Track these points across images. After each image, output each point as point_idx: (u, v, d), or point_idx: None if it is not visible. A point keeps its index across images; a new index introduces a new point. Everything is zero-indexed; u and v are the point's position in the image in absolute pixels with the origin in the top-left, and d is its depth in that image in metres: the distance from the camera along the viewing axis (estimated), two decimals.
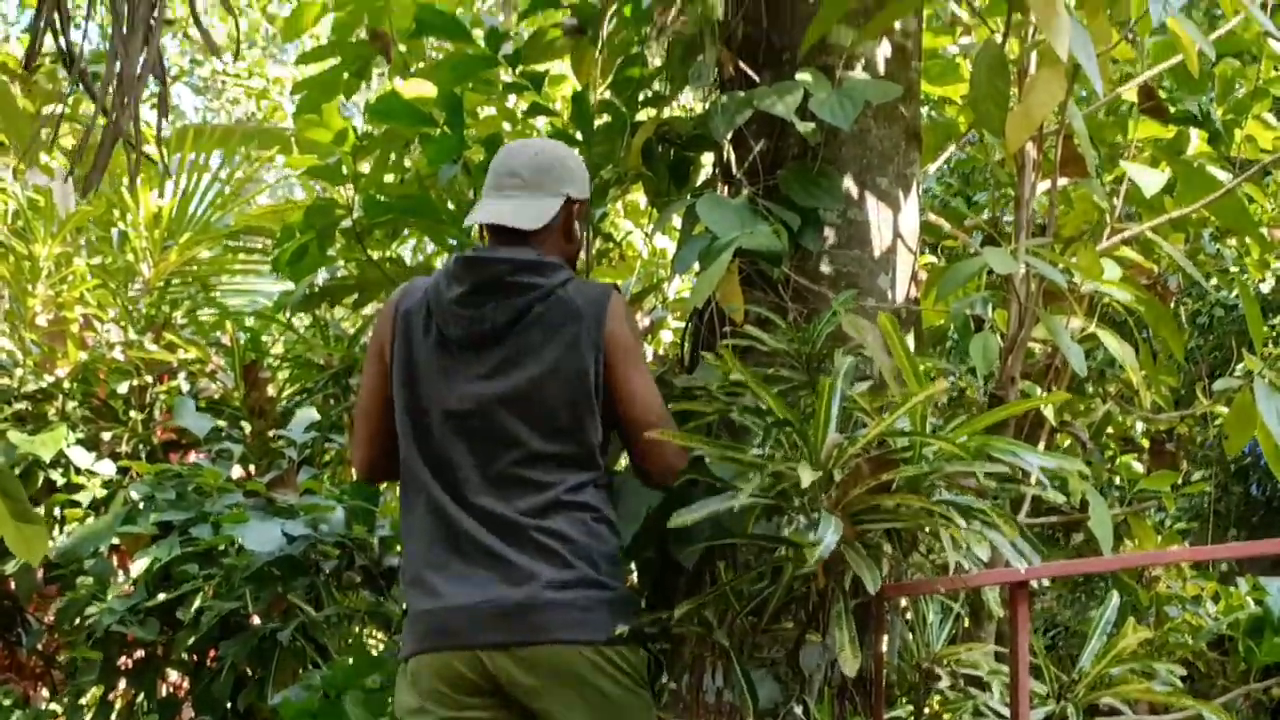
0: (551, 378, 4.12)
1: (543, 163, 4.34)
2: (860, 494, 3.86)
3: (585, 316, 4.14)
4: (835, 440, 3.86)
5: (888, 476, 3.89)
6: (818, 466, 3.81)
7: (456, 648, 4.00)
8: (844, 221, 4.96)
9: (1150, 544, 5.87)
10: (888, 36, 5.15)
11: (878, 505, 3.88)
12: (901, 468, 3.90)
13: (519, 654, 3.96)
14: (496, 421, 4.11)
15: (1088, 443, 5.68)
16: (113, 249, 8.39)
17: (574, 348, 4.13)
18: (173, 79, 18.38)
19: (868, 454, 3.90)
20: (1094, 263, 4.77)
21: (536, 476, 4.09)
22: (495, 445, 4.11)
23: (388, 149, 6.21)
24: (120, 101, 3.31)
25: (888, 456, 3.93)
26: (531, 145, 4.42)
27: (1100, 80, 4.37)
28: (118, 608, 6.00)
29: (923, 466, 3.90)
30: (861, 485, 3.87)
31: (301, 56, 6.82)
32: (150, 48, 3.32)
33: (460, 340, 4.18)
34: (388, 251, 6.67)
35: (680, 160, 5.43)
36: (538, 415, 4.11)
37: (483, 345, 4.16)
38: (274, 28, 17.42)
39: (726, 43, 5.23)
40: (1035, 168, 4.92)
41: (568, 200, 4.35)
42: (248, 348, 7.56)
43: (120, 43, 3.28)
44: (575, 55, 5.75)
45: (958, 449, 3.84)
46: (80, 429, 7.03)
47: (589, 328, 4.14)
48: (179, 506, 6.14)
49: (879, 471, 3.89)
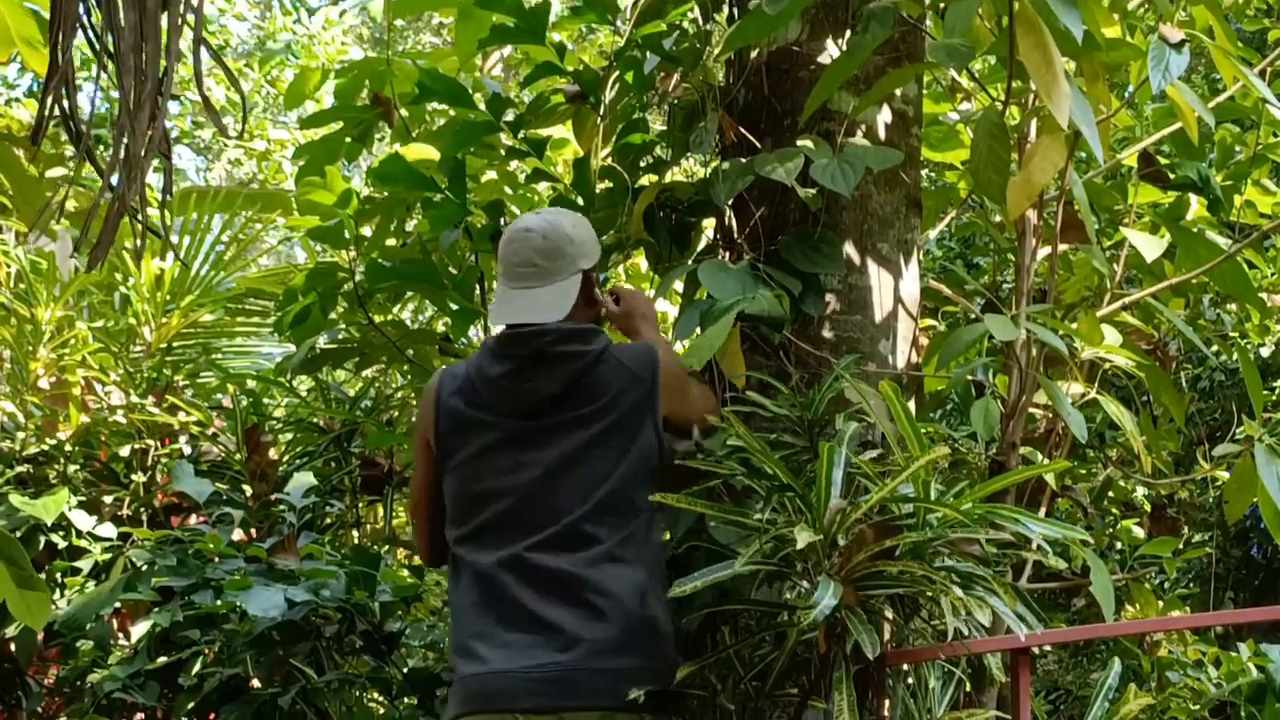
0: (602, 443, 4.20)
1: (553, 246, 4.39)
2: (863, 559, 3.87)
3: (639, 380, 4.29)
4: (838, 505, 3.87)
5: (891, 542, 3.89)
6: (819, 531, 3.82)
7: (499, 711, 4.05)
8: (845, 287, 4.98)
9: (1151, 609, 5.87)
10: (888, 103, 5.18)
11: (881, 571, 3.88)
12: (905, 534, 3.91)
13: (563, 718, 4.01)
14: (548, 488, 4.17)
15: (1089, 507, 5.68)
16: (115, 312, 8.40)
17: (627, 413, 4.24)
18: (174, 140, 18.42)
19: (870, 519, 3.91)
20: (1094, 329, 4.79)
21: (586, 538, 4.14)
22: (546, 512, 4.16)
23: (390, 213, 6.22)
24: (127, 177, 3.34)
25: (891, 522, 3.94)
26: (536, 228, 4.44)
27: (1100, 147, 4.40)
28: (119, 674, 5.98)
29: (927, 533, 3.91)
30: (865, 551, 3.87)
31: (304, 121, 6.86)
32: (156, 124, 3.34)
33: (512, 414, 4.26)
34: (390, 315, 6.68)
35: (682, 226, 5.45)
36: (589, 480, 4.17)
37: (534, 416, 4.24)
38: (276, 90, 17.50)
39: (728, 108, 5.26)
40: (1035, 233, 4.95)
41: (583, 274, 4.45)
42: (249, 410, 7.56)
43: (127, 119, 3.30)
44: (577, 121, 5.78)
45: (962, 516, 3.85)
46: (82, 492, 7.02)
47: (644, 393, 4.27)
48: (180, 572, 6.12)
49: (883, 537, 3.89)
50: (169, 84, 3.40)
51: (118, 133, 3.37)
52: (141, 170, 3.37)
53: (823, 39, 5.20)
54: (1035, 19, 4.10)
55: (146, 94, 3.31)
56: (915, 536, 3.92)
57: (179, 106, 17.74)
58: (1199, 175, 5.76)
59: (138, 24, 3.41)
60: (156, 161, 3.75)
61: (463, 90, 5.84)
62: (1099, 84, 4.67)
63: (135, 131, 3.30)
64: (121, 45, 3.36)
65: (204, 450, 7.40)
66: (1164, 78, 4.37)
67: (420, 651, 6.77)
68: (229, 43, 19.40)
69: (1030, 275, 4.93)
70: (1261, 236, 5.65)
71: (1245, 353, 6.22)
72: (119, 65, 3.35)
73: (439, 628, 6.67)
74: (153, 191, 3.81)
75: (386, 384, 7.69)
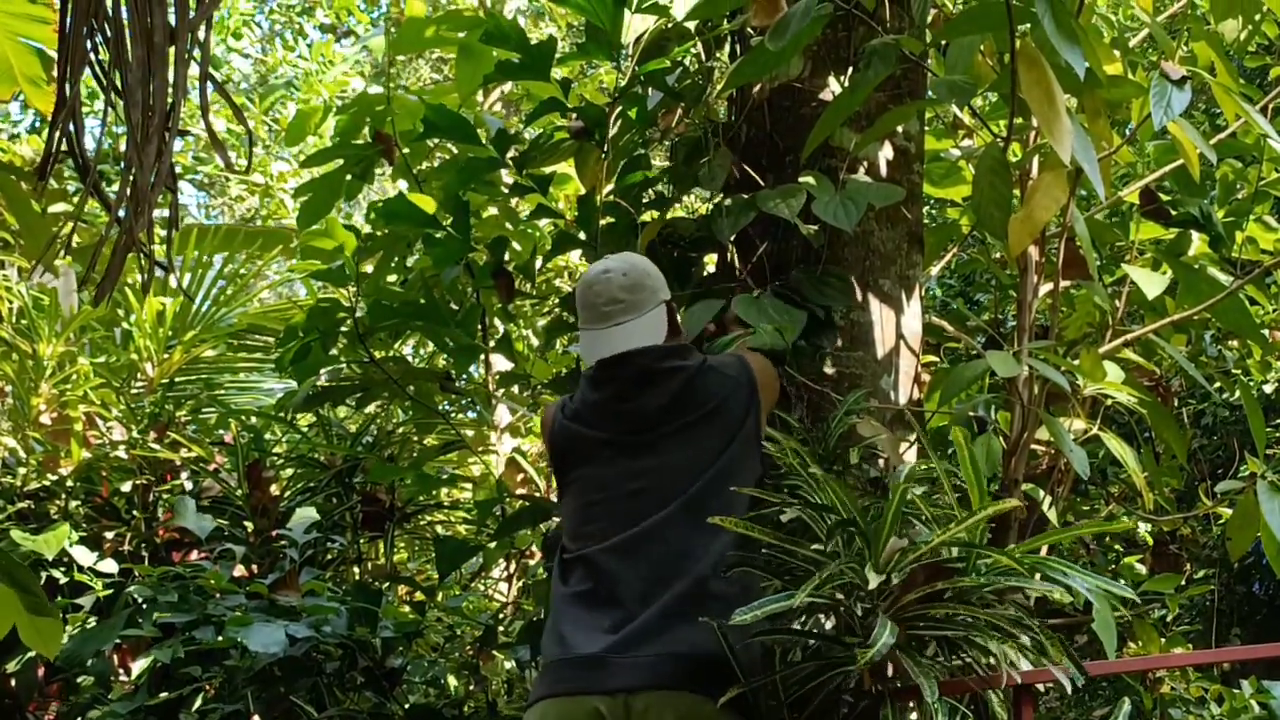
0: (705, 447, 4.33)
1: (634, 281, 4.52)
2: (913, 599, 3.87)
3: (739, 384, 4.44)
4: (897, 545, 3.88)
5: (942, 585, 3.89)
6: (880, 570, 3.83)
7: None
8: (848, 323, 4.99)
9: (1154, 645, 5.86)
10: (890, 140, 5.19)
11: (928, 613, 3.88)
12: (957, 579, 3.91)
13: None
14: (654, 493, 4.29)
15: (1091, 545, 5.67)
16: (116, 347, 8.40)
17: (732, 415, 4.37)
18: (178, 175, 18.42)
19: (922, 561, 3.91)
20: (1096, 365, 4.79)
21: (682, 539, 4.22)
22: (652, 518, 4.27)
23: (391, 250, 6.23)
24: (134, 212, 3.34)
25: (944, 565, 3.94)
26: (615, 268, 4.57)
27: (1102, 183, 4.40)
28: (120, 710, 5.96)
29: (979, 580, 3.92)
30: (916, 592, 3.88)
31: (306, 160, 6.86)
32: (164, 158, 3.35)
33: (624, 432, 4.40)
34: (391, 351, 6.68)
35: (684, 261, 5.46)
36: (685, 483, 4.28)
37: (645, 430, 4.38)
38: (280, 125, 17.52)
39: (730, 145, 5.27)
40: (1037, 269, 4.95)
41: (665, 304, 4.57)
42: (251, 446, 7.55)
43: (135, 152, 3.30)
44: (580, 157, 5.79)
45: (1014, 564, 3.85)
46: (83, 528, 7.01)
47: (746, 393, 4.42)
48: (181, 608, 6.11)
49: (934, 579, 3.90)
50: (176, 118, 3.41)
51: (125, 166, 3.38)
52: (149, 203, 3.37)
53: (825, 76, 5.22)
54: (1037, 55, 4.11)
55: (154, 128, 3.31)
56: (968, 582, 3.92)
57: (180, 143, 17.75)
58: (1201, 212, 5.76)
59: (145, 58, 3.42)
60: (162, 201, 3.76)
61: (468, 126, 5.86)
62: (1101, 120, 4.68)
63: (143, 165, 3.30)
64: (129, 79, 3.37)
65: (205, 486, 7.39)
66: (1166, 114, 4.38)
67: (421, 688, 6.76)
68: (231, 78, 19.45)
69: (1032, 311, 4.93)
70: (1263, 273, 5.65)
71: (1247, 389, 6.21)
72: (126, 99, 3.36)
73: (440, 664, 6.66)
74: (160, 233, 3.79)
75: (388, 420, 7.69)
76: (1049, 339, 4.98)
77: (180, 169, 18.34)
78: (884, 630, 3.71)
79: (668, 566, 4.19)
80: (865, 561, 3.88)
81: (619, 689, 4.06)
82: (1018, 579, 3.91)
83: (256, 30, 20.84)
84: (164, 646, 6.00)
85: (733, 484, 4.26)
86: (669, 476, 4.30)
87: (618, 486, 4.35)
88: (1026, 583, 3.93)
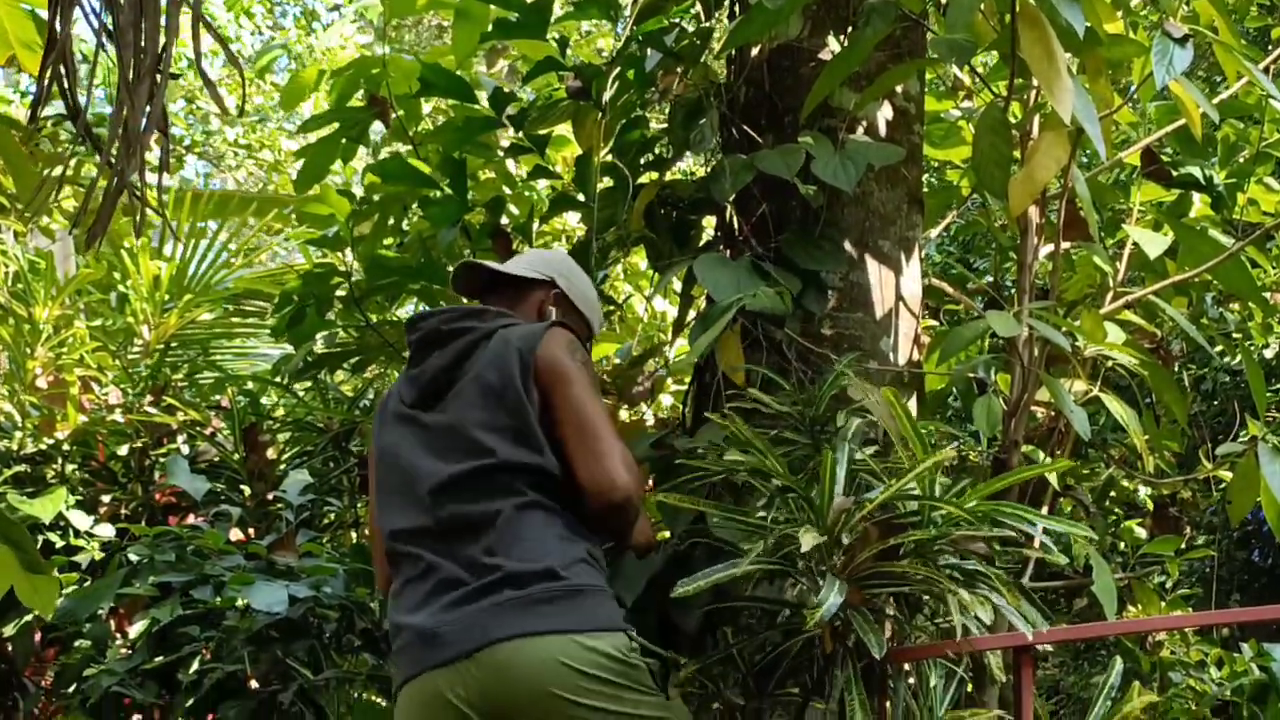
0: (481, 404, 4.01)
1: (536, 256, 4.48)
2: (867, 558, 3.85)
3: (521, 346, 4.01)
4: (842, 505, 3.86)
5: (895, 541, 3.88)
6: (823, 531, 3.80)
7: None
8: (846, 284, 4.97)
9: (1154, 609, 5.85)
10: (890, 100, 5.16)
11: (885, 569, 3.86)
12: (909, 532, 3.90)
13: None
14: (437, 455, 4.03)
15: (1091, 507, 5.66)
16: (113, 311, 8.39)
17: (505, 375, 3.99)
18: (186, 149, 18.47)
19: (874, 518, 3.89)
20: (1097, 326, 4.77)
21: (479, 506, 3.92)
22: (443, 489, 3.97)
23: (386, 213, 6.21)
24: (125, 152, 3.31)
25: (895, 521, 3.92)
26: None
27: (1103, 144, 4.37)
28: (117, 669, 5.96)
29: (931, 531, 3.90)
30: (869, 550, 3.86)
31: (303, 125, 6.84)
32: (155, 100, 3.32)
33: (412, 402, 4.16)
34: (387, 315, 6.66)
35: (682, 223, 5.43)
36: (471, 442, 3.99)
37: (429, 396, 4.14)
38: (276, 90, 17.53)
39: (729, 105, 5.24)
40: (1038, 231, 4.92)
41: (551, 284, 4.40)
42: (247, 410, 7.54)
43: (126, 93, 3.27)
44: (577, 118, 5.75)
45: (966, 514, 3.84)
46: (79, 492, 7.00)
47: (522, 354, 3.99)
48: (178, 568, 6.11)
49: (886, 536, 3.88)
50: (168, 60, 3.38)
51: (116, 108, 3.35)
52: (141, 146, 3.34)
53: (824, 35, 5.19)
54: (1037, 15, 4.08)
55: (145, 69, 3.28)
56: (919, 535, 3.91)
57: (185, 107, 17.75)
58: (1202, 173, 5.74)
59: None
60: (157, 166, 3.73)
61: (465, 85, 5.83)
62: (1101, 80, 4.65)
63: (134, 106, 3.28)
64: (120, 20, 3.34)
65: (202, 450, 7.38)
66: (1168, 72, 4.34)
67: None
68: (242, 54, 19.37)
69: (1032, 273, 4.91)
70: (1264, 235, 5.63)
71: (1249, 352, 6.20)
72: (118, 41, 3.33)
73: None
74: (153, 188, 3.75)
75: (385, 384, 7.68)
76: (1049, 300, 4.96)
77: (189, 142, 18.35)
78: (831, 590, 3.70)
79: None
80: (813, 524, 3.86)
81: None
82: (971, 527, 3.89)
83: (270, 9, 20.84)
84: (161, 606, 5.99)
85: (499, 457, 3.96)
86: (450, 445, 4.01)
87: (412, 455, 4.13)
88: (980, 530, 3.91)
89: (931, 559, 3.92)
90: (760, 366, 4.75)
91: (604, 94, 5.60)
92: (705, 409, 4.86)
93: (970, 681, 4.72)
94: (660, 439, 5.09)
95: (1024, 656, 4.03)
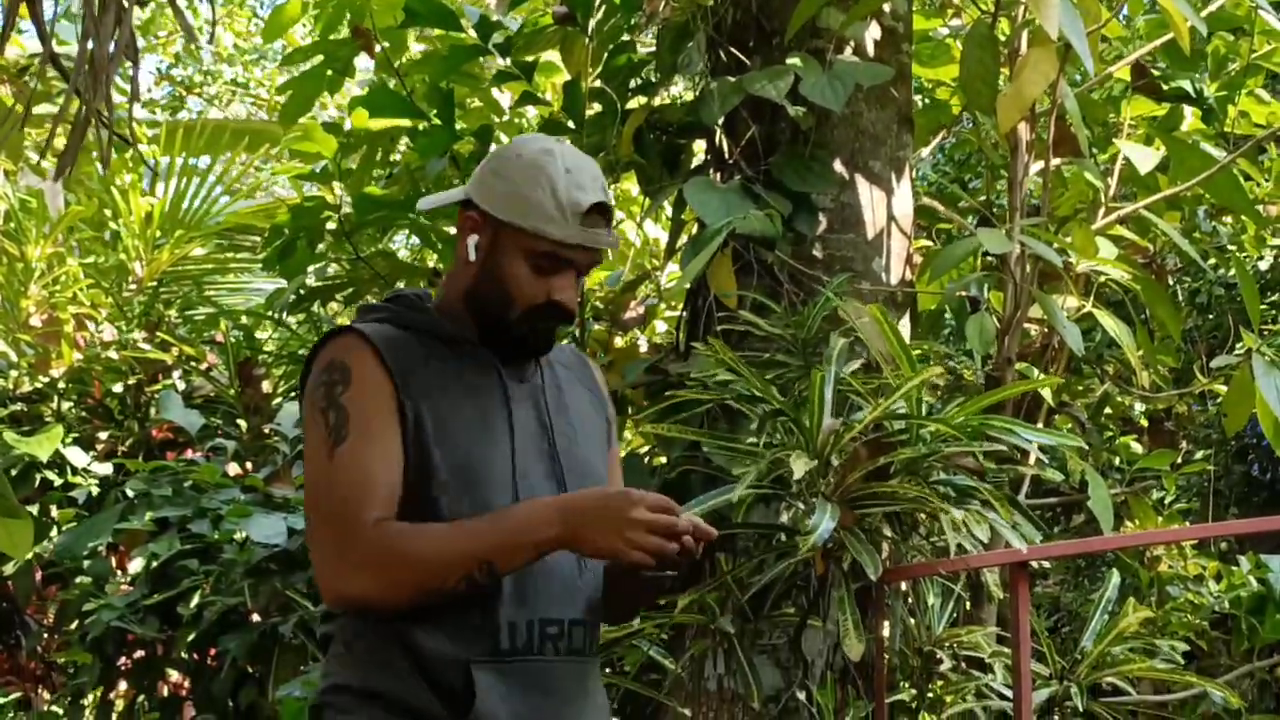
0: None
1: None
2: (858, 479, 3.85)
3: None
4: (831, 426, 3.86)
5: (885, 460, 3.88)
6: (813, 454, 3.81)
7: None
8: (837, 205, 4.95)
9: (1151, 524, 5.85)
10: (877, 19, 5.13)
11: (876, 490, 3.87)
12: (899, 451, 3.90)
13: None
14: None
15: (1086, 423, 5.66)
16: (105, 248, 8.38)
17: None
18: (186, 90, 18.42)
19: (864, 438, 3.89)
20: (1089, 242, 4.75)
21: None
22: None
23: (375, 145, 6.19)
24: (94, 81, 3.29)
25: (884, 440, 3.92)
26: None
27: (1091, 59, 4.35)
28: (117, 604, 5.98)
29: (920, 449, 3.90)
30: (859, 470, 3.86)
31: (286, 57, 6.81)
32: (123, 27, 3.29)
33: None
34: (379, 246, 6.65)
35: (672, 147, 5.41)
36: None
37: None
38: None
39: (716, 28, 5.21)
40: (1028, 148, 4.90)
41: (466, 205, 2.94)
42: (241, 345, 7.54)
43: (92, 23, 3.25)
44: (565, 44, 5.72)
45: (954, 430, 3.84)
46: (76, 429, 7.01)
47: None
48: (175, 503, 6.12)
49: (876, 455, 3.88)
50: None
51: (82, 36, 3.33)
52: (108, 75, 3.31)
53: None
54: None
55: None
56: (909, 453, 3.91)
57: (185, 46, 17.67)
58: (1193, 86, 5.71)
59: None
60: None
61: (450, 13, 5.79)
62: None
63: (100, 36, 3.25)
64: None
65: (197, 385, 7.38)
66: None
67: None
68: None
69: (1023, 190, 4.89)
70: (1256, 147, 5.61)
71: (1242, 265, 6.16)
72: None
73: None
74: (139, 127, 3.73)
75: None
76: (1041, 217, 4.94)
77: (186, 83, 18.29)
78: (824, 514, 3.71)
79: None
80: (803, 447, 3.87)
81: None
82: (961, 444, 3.89)
83: None
84: (160, 541, 6.00)
85: None
86: None
87: None
88: (970, 446, 3.92)
89: (922, 477, 3.92)
90: (752, 290, 4.75)
91: (591, 19, 5.57)
92: (699, 334, 4.86)
93: (968, 599, 4.74)
94: (654, 364, 5.09)
95: (1019, 572, 4.03)
